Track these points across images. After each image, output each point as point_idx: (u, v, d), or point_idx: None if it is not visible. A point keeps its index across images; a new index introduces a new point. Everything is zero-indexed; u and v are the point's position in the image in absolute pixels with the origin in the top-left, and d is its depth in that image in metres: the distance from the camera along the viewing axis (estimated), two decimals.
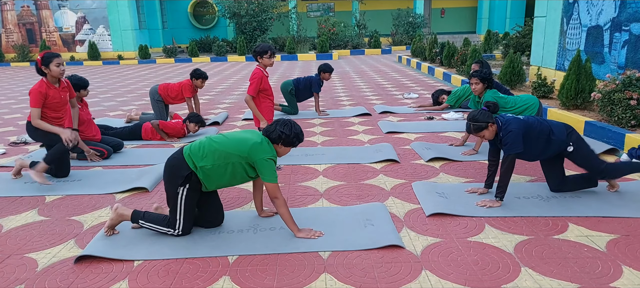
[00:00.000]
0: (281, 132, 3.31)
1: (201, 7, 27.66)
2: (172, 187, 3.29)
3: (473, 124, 3.80)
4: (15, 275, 2.97)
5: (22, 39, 23.86)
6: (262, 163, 3.24)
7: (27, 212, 4.02)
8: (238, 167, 3.28)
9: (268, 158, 3.25)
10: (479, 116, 3.79)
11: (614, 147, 5.35)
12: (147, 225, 3.40)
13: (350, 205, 3.96)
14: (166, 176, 3.33)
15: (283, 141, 3.33)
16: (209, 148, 3.27)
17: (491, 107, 3.89)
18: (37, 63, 4.59)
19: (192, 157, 3.26)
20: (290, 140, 3.33)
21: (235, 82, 13.59)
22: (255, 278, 2.85)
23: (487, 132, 3.80)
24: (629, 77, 5.79)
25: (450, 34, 28.79)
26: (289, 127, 3.33)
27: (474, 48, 10.98)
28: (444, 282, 2.75)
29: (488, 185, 4.10)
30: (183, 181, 3.25)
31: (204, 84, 7.42)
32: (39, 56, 4.58)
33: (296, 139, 3.36)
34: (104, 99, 10.71)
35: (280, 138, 3.32)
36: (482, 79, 5.28)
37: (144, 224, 3.40)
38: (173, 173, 3.28)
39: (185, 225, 3.35)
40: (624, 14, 7.00)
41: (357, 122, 7.39)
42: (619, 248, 3.09)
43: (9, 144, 6.47)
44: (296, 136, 3.35)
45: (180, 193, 3.27)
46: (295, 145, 3.40)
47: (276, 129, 3.32)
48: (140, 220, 3.40)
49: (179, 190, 3.27)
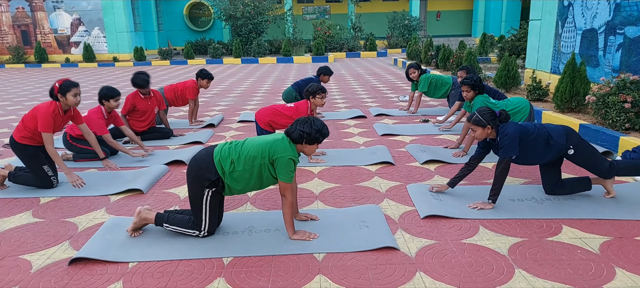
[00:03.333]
0: (302, 131, 3.24)
1: (197, 9, 27.65)
2: (198, 188, 3.27)
3: (476, 116, 3.81)
4: (9, 276, 2.96)
5: (16, 40, 23.75)
6: (280, 161, 3.19)
7: (21, 213, 4.01)
8: (264, 169, 3.24)
9: (288, 158, 3.20)
10: (486, 114, 3.79)
11: (608, 150, 5.38)
12: (171, 227, 3.39)
13: (345, 207, 3.96)
14: (191, 176, 3.28)
15: (306, 140, 3.26)
16: (237, 154, 3.24)
17: (503, 116, 3.86)
18: (54, 89, 4.42)
19: (222, 163, 3.23)
20: (313, 138, 3.26)
21: (231, 84, 13.59)
22: (250, 280, 2.85)
23: (482, 130, 3.80)
24: (623, 80, 5.83)
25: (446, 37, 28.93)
26: (309, 125, 3.26)
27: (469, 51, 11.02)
28: (438, 283, 2.76)
29: (451, 184, 4.09)
30: (210, 184, 3.24)
31: (209, 84, 7.44)
32: (58, 83, 4.43)
33: (319, 135, 3.29)
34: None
35: (301, 137, 3.25)
36: (473, 86, 5.33)
37: (168, 227, 3.39)
38: (200, 175, 3.24)
39: (211, 226, 3.35)
40: (618, 18, 7.04)
41: (352, 125, 7.40)
42: (612, 251, 3.11)
43: (3, 146, 6.45)
44: (318, 132, 3.28)
45: (206, 194, 3.26)
46: (320, 141, 3.33)
47: (297, 128, 3.26)
48: (164, 223, 3.40)
49: (205, 191, 3.25)
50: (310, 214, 3.69)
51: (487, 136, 3.84)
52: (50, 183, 4.53)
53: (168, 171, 5.12)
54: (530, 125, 3.86)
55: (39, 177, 4.50)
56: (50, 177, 4.54)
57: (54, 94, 4.45)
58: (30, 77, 17.32)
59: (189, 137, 6.69)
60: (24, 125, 4.49)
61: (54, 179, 4.57)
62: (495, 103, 5.38)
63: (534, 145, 3.80)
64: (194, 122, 7.64)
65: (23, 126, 4.49)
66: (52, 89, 4.45)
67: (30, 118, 4.47)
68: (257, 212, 3.91)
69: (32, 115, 4.47)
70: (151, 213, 3.44)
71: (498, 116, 3.82)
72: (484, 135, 3.83)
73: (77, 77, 16.57)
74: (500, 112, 3.86)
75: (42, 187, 4.53)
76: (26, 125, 4.48)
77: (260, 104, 9.75)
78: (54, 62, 23.11)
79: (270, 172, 3.26)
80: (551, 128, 3.87)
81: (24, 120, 4.51)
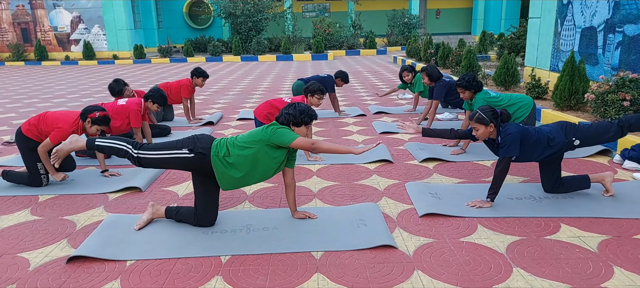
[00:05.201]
0: (287, 113, 3.40)
1: (196, 6, 27.61)
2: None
3: (479, 113, 3.79)
4: (7, 274, 2.95)
5: (16, 38, 23.75)
6: (280, 131, 3.28)
7: (19, 211, 4.01)
8: (261, 154, 3.27)
9: (277, 128, 3.30)
10: (488, 112, 3.77)
11: (607, 148, 5.37)
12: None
13: (343, 206, 3.96)
14: None
15: (292, 121, 3.40)
16: (232, 141, 3.34)
17: (505, 115, 3.85)
18: (92, 114, 4.37)
19: (218, 147, 3.31)
20: (298, 119, 3.41)
21: (230, 82, 13.58)
22: (248, 278, 2.85)
23: (483, 128, 3.78)
24: (622, 78, 5.83)
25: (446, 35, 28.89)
26: (293, 108, 3.42)
27: (468, 49, 11.01)
28: (435, 282, 2.76)
29: (424, 130, 4.08)
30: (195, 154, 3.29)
31: (204, 83, 7.46)
32: (99, 114, 4.38)
33: (304, 116, 3.41)
34: (99, 99, 10.67)
35: (287, 120, 3.39)
36: (466, 87, 5.26)
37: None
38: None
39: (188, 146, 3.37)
40: (617, 16, 7.03)
41: (351, 123, 7.40)
42: (611, 249, 3.11)
43: (2, 143, 6.45)
44: (303, 113, 3.41)
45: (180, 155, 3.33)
46: (307, 122, 3.44)
47: (282, 113, 3.42)
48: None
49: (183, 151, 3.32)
50: (309, 212, 3.69)
51: (489, 135, 3.82)
52: (40, 181, 4.53)
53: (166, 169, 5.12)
54: (531, 129, 3.83)
55: (31, 173, 4.50)
56: (41, 175, 4.53)
57: (86, 115, 4.38)
58: (30, 74, 17.32)
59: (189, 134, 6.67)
60: (37, 123, 4.46)
61: (44, 178, 4.57)
62: (497, 96, 5.30)
63: (533, 148, 3.78)
64: (193, 119, 7.65)
65: (36, 123, 4.46)
66: (89, 112, 4.39)
67: (48, 122, 4.44)
68: (255, 210, 3.91)
69: (53, 120, 4.43)
70: (161, 208, 3.61)
71: (500, 115, 3.80)
72: (486, 133, 3.80)
73: (77, 75, 16.57)
74: (502, 111, 3.84)
75: (32, 185, 4.53)
76: (40, 127, 4.45)
77: (259, 102, 9.73)
78: (53, 60, 23.11)
79: (268, 156, 3.28)
80: (548, 130, 3.83)
81: (41, 119, 4.48)
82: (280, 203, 4.02)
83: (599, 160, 5.14)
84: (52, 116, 4.47)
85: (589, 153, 5.26)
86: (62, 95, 11.44)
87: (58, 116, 4.46)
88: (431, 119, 6.46)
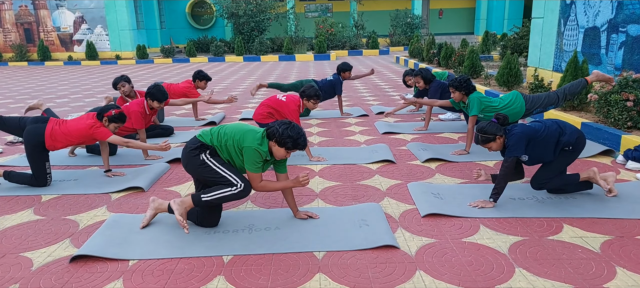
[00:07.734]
0: (276, 129, 3.22)
1: (199, 7, 27.65)
2: (196, 162, 3.37)
3: (481, 135, 3.79)
4: (10, 274, 2.96)
5: (20, 38, 23.81)
6: (246, 150, 3.27)
7: (22, 211, 4.02)
8: (232, 151, 3.36)
9: (254, 149, 3.24)
10: (488, 128, 3.77)
11: (610, 149, 5.36)
12: (210, 196, 3.32)
13: (345, 206, 3.96)
14: (185, 161, 3.46)
15: (276, 139, 3.23)
16: (216, 131, 3.42)
17: (501, 119, 3.84)
18: (108, 114, 4.53)
19: (203, 137, 3.41)
20: (282, 141, 3.20)
21: (232, 82, 13.59)
22: (250, 278, 2.85)
23: (495, 144, 3.79)
24: (625, 78, 5.81)
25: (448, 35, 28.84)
26: (285, 127, 3.21)
27: (471, 49, 11.00)
28: (438, 282, 2.76)
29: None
30: (198, 151, 3.36)
31: (206, 85, 7.50)
32: (114, 112, 4.54)
33: (289, 140, 3.20)
34: (101, 99, 10.68)
35: (273, 135, 3.23)
36: (456, 88, 5.35)
37: (207, 197, 3.33)
38: (188, 154, 3.41)
39: (239, 178, 3.34)
40: (620, 16, 7.01)
41: (353, 123, 7.39)
42: (613, 250, 3.10)
43: (5, 143, 6.47)
44: (289, 137, 3.19)
45: (205, 159, 3.36)
46: (288, 147, 3.23)
47: (275, 125, 3.25)
48: (202, 197, 3.42)
49: (202, 157, 3.36)
50: (311, 212, 3.69)
51: (503, 144, 3.82)
52: (45, 181, 4.54)
53: (169, 169, 5.13)
54: (537, 125, 3.83)
55: (37, 171, 4.50)
56: (47, 174, 4.55)
57: (102, 116, 4.53)
58: (33, 74, 17.36)
59: (190, 134, 6.69)
60: (52, 129, 4.48)
61: (49, 177, 4.58)
62: (490, 100, 5.35)
63: (545, 144, 3.77)
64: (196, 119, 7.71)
65: (51, 129, 4.48)
66: (106, 112, 4.54)
67: (66, 131, 4.50)
68: (257, 210, 3.91)
69: (75, 130, 4.51)
70: (164, 202, 3.55)
71: (498, 121, 3.81)
72: (499, 145, 3.80)
73: (80, 75, 16.60)
74: (496, 116, 3.83)
75: (36, 185, 4.54)
76: (54, 132, 4.47)
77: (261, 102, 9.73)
78: (56, 60, 23.16)
79: (240, 158, 3.36)
80: (565, 124, 3.83)
81: (61, 126, 4.52)
82: (283, 204, 4.02)
83: (602, 160, 5.13)
84: (72, 127, 4.53)
85: (592, 154, 5.25)
86: (65, 95, 11.46)
87: (78, 124, 4.54)
88: (427, 120, 6.64)
